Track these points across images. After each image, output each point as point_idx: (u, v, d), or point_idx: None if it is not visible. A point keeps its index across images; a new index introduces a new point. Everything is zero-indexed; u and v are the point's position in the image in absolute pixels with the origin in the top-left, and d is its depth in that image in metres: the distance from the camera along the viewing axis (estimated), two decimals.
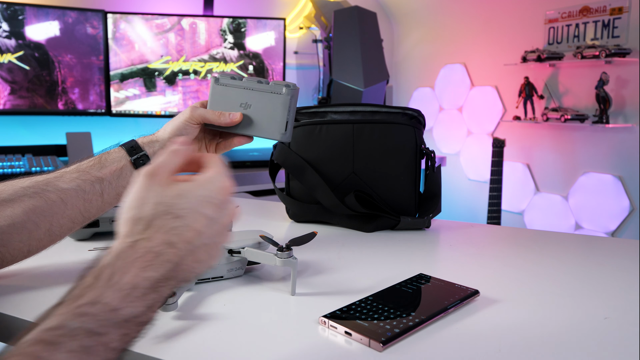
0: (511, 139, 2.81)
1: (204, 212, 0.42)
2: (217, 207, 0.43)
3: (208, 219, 0.42)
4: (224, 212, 0.44)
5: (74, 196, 0.62)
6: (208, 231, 0.42)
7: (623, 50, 2.27)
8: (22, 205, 0.59)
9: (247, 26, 2.69)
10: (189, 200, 0.42)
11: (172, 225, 0.40)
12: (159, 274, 0.38)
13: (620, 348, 0.50)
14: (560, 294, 0.64)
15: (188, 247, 0.41)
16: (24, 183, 0.61)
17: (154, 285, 0.38)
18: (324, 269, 0.72)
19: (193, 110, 0.71)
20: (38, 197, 0.60)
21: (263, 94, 0.72)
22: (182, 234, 0.40)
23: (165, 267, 0.39)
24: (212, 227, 0.42)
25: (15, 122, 2.38)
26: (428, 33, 3.37)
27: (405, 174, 0.94)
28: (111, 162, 0.67)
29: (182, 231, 0.40)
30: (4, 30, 2.20)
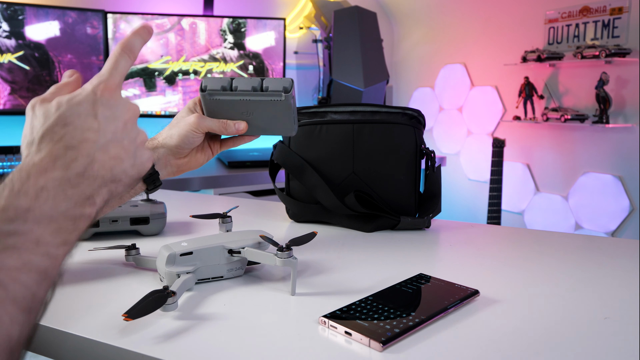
0: (511, 139, 2.81)
1: (89, 111, 0.43)
2: (104, 105, 0.44)
3: (102, 117, 0.43)
4: (117, 109, 0.45)
5: None
6: (108, 127, 0.43)
7: (623, 50, 2.28)
8: None
9: (247, 26, 2.69)
10: (71, 107, 0.42)
11: (62, 132, 0.41)
12: (68, 173, 0.39)
13: (620, 348, 0.50)
14: (561, 294, 0.64)
15: (92, 146, 0.41)
16: None
17: (68, 183, 0.39)
18: (324, 269, 0.72)
19: (200, 121, 0.70)
20: None
21: (262, 102, 0.70)
22: (77, 135, 0.41)
23: (73, 167, 0.40)
24: (111, 124, 0.43)
25: (15, 122, 2.39)
26: (428, 33, 3.37)
27: (405, 174, 0.94)
28: None
29: (75, 133, 0.41)
30: (4, 30, 2.20)
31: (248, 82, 0.70)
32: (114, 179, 0.43)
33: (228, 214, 0.82)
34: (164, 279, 0.63)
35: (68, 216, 0.38)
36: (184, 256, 0.63)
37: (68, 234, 0.38)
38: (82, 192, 0.40)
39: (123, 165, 0.44)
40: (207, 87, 0.70)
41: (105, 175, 0.42)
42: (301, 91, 3.20)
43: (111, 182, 0.43)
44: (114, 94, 0.45)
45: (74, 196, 0.39)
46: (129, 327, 0.53)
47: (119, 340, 0.50)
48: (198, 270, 0.64)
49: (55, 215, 0.37)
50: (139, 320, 0.53)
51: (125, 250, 0.72)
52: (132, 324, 0.53)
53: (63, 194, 0.38)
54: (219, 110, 0.72)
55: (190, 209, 1.10)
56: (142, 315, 0.51)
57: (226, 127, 0.71)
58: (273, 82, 0.69)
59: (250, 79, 0.70)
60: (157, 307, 0.53)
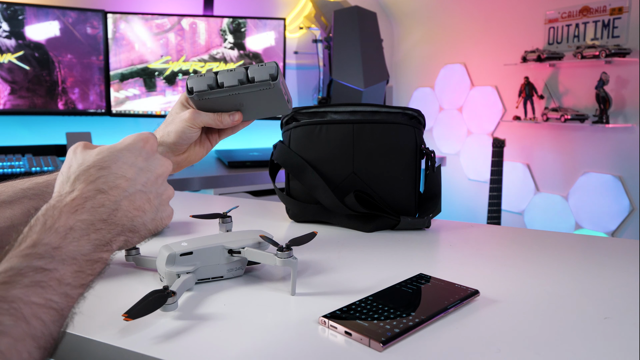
0: (511, 139, 2.81)
1: (128, 160, 0.45)
2: (142, 157, 0.47)
3: (137, 168, 0.46)
4: (153, 162, 0.47)
5: None
6: (140, 178, 0.45)
7: (623, 50, 2.27)
8: (22, 206, 0.59)
9: (247, 26, 2.69)
10: (111, 154, 0.45)
11: (98, 174, 0.43)
12: (94, 217, 0.41)
13: (620, 348, 0.50)
14: (560, 294, 0.64)
15: (120, 194, 0.43)
16: (24, 184, 0.61)
17: (92, 227, 0.41)
18: (324, 269, 0.72)
19: (195, 116, 0.70)
20: (38, 198, 0.60)
21: (252, 93, 0.70)
22: (110, 181, 0.43)
23: (99, 212, 0.42)
24: (144, 175, 0.46)
25: (15, 122, 2.38)
26: (428, 33, 3.37)
27: (405, 174, 0.94)
28: None
29: (109, 179, 0.44)
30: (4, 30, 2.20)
31: (233, 75, 0.69)
32: (132, 229, 0.44)
33: (228, 214, 0.82)
34: (164, 279, 0.63)
35: (88, 259, 0.40)
36: (184, 256, 0.63)
37: (85, 276, 0.40)
38: (103, 237, 0.41)
39: (144, 218, 0.45)
40: (194, 89, 0.69)
41: (125, 224, 0.44)
42: (301, 91, 3.20)
43: (129, 232, 0.44)
44: (154, 148, 0.48)
45: (95, 240, 0.41)
46: (129, 327, 0.53)
47: (119, 340, 0.50)
48: (198, 270, 0.64)
49: (78, 257, 0.39)
50: (139, 320, 0.53)
51: (125, 250, 0.72)
52: (132, 324, 0.53)
53: (87, 237, 0.40)
54: (210, 107, 0.72)
55: (190, 209, 1.10)
56: (142, 315, 0.51)
57: (222, 120, 0.72)
58: (258, 71, 0.68)
59: (234, 71, 0.69)
60: (157, 307, 0.53)
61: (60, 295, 0.36)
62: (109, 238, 0.42)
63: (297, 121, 0.96)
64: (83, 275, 0.39)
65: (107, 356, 0.50)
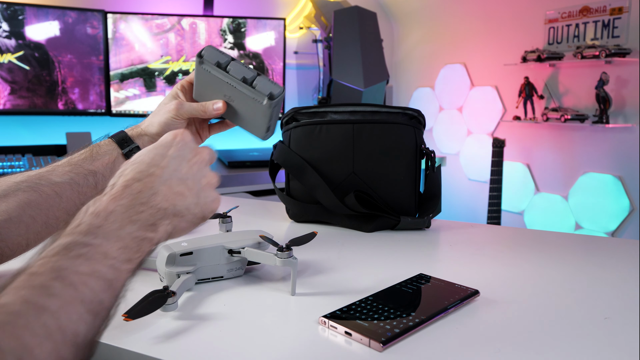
0: (511, 139, 2.81)
1: (161, 152, 0.49)
2: (174, 148, 0.50)
3: (169, 157, 0.49)
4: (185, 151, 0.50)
5: (68, 189, 0.62)
6: (173, 165, 0.48)
7: (623, 50, 2.27)
8: (17, 199, 0.59)
9: (247, 26, 2.69)
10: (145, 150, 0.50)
11: (132, 168, 0.47)
12: (134, 201, 0.44)
13: (620, 348, 0.50)
14: (560, 294, 0.64)
15: (156, 180, 0.47)
16: (17, 178, 0.61)
17: (132, 209, 0.44)
18: (324, 269, 0.72)
19: (179, 107, 0.71)
20: (32, 191, 0.60)
21: (245, 95, 0.69)
22: (144, 170, 0.47)
23: (138, 197, 0.45)
24: (177, 163, 0.49)
25: (15, 122, 2.38)
26: (428, 33, 3.37)
27: (405, 174, 0.94)
28: (103, 155, 0.67)
29: (142, 169, 0.47)
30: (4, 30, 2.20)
31: (242, 71, 0.69)
32: (176, 214, 0.47)
33: (228, 214, 0.82)
34: (164, 279, 0.63)
35: (133, 237, 0.43)
36: (184, 256, 0.63)
37: (132, 253, 0.42)
38: (146, 219, 0.44)
39: (186, 202, 0.48)
40: (204, 56, 0.69)
41: (168, 208, 0.46)
42: (301, 91, 3.20)
43: (173, 216, 0.47)
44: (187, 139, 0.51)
45: (138, 221, 0.44)
46: (129, 327, 0.53)
47: (119, 340, 0.50)
48: (198, 270, 0.64)
49: (123, 234, 0.42)
50: (139, 320, 0.53)
51: None
52: (132, 324, 0.53)
53: (129, 218, 0.43)
54: (206, 84, 0.71)
55: None
56: (142, 315, 0.51)
57: (205, 110, 0.72)
58: (264, 83, 0.68)
59: (247, 69, 0.69)
60: (157, 307, 0.53)
61: (107, 267, 0.39)
62: (152, 220, 0.45)
63: (297, 121, 0.96)
64: (129, 251, 0.42)
65: (107, 356, 0.50)
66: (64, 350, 0.32)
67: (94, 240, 0.40)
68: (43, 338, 0.31)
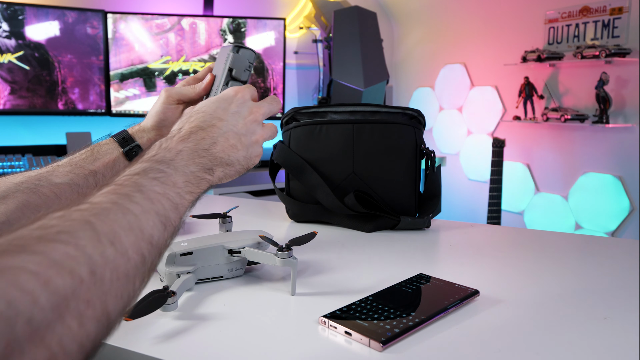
0: (511, 139, 2.81)
1: (223, 106, 0.55)
2: (235, 104, 0.56)
3: (229, 112, 0.55)
4: (244, 108, 0.56)
5: (67, 190, 0.62)
6: (232, 120, 0.55)
7: (623, 50, 2.27)
8: (16, 201, 0.59)
9: (247, 26, 2.69)
10: (209, 102, 0.56)
11: (198, 117, 0.54)
12: (197, 146, 0.51)
13: (620, 348, 0.50)
14: (560, 294, 0.64)
15: (216, 131, 0.53)
16: (17, 179, 0.61)
17: (196, 153, 0.50)
18: (324, 269, 0.72)
19: (168, 93, 0.71)
20: (31, 192, 0.60)
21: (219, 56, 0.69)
22: (207, 121, 0.54)
23: (201, 143, 0.52)
24: (235, 119, 0.55)
25: (15, 122, 2.38)
26: (428, 33, 3.37)
27: (405, 174, 0.94)
28: (103, 155, 0.66)
29: (206, 118, 0.54)
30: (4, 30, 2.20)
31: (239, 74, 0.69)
32: (229, 163, 0.53)
33: (228, 214, 0.82)
34: (164, 279, 0.63)
35: (195, 176, 0.49)
36: (184, 256, 0.63)
37: (193, 187, 0.48)
38: (205, 163, 0.51)
39: (237, 154, 0.54)
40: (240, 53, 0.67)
41: (223, 158, 0.53)
42: (301, 91, 3.20)
43: (226, 165, 0.53)
44: (247, 97, 0.57)
45: (199, 164, 0.50)
46: (129, 327, 0.53)
47: (119, 340, 0.50)
48: (198, 270, 0.64)
49: (187, 171, 0.48)
50: (139, 320, 0.53)
51: None
52: (132, 324, 0.53)
53: (192, 160, 0.50)
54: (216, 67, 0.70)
55: None
56: (142, 315, 0.51)
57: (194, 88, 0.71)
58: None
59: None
60: (157, 307, 0.53)
61: (174, 193, 0.45)
62: (210, 165, 0.51)
63: (297, 121, 0.96)
64: (191, 186, 0.48)
65: (108, 356, 0.50)
66: (143, 245, 0.38)
67: (167, 169, 0.46)
68: (128, 230, 0.37)
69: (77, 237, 0.32)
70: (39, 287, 0.27)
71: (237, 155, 0.54)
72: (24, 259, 0.28)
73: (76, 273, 0.30)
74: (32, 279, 0.27)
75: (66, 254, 0.30)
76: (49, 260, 0.29)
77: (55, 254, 0.29)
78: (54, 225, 0.32)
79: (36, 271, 0.28)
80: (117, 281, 0.34)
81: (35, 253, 0.29)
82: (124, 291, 0.35)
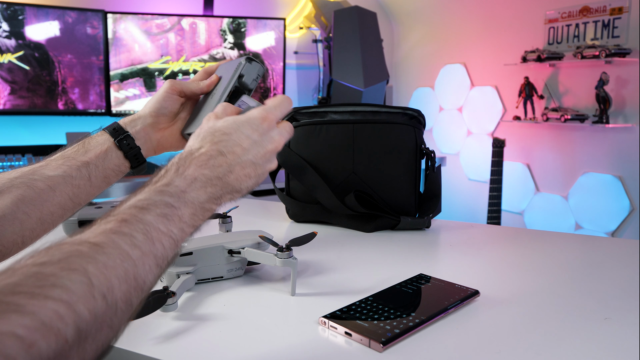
0: (511, 139, 2.81)
1: (247, 133, 0.53)
2: (259, 133, 0.54)
3: (252, 141, 0.53)
4: (267, 138, 0.55)
5: (61, 182, 0.62)
6: (253, 150, 0.53)
7: (623, 50, 2.27)
8: (11, 196, 0.59)
9: (247, 26, 2.69)
10: (235, 123, 0.54)
11: (221, 138, 0.52)
12: (213, 174, 0.50)
13: (620, 348, 0.50)
14: (561, 294, 0.64)
15: (235, 159, 0.52)
16: (11, 175, 0.61)
17: (210, 182, 0.49)
18: (324, 269, 0.72)
19: (171, 81, 0.71)
20: (25, 186, 0.60)
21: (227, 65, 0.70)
22: (229, 146, 0.52)
23: (217, 170, 0.50)
24: (257, 149, 0.54)
25: (15, 122, 2.38)
26: (428, 33, 3.37)
27: (405, 174, 0.94)
28: (95, 146, 0.66)
29: (228, 144, 0.52)
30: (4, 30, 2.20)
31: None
32: (238, 190, 0.52)
33: (228, 214, 0.82)
34: (163, 279, 0.63)
35: (202, 207, 0.48)
36: (184, 256, 0.63)
37: (197, 219, 0.48)
38: (215, 192, 0.50)
39: (248, 182, 0.53)
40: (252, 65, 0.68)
41: (234, 186, 0.52)
42: (301, 91, 3.20)
43: (235, 192, 0.52)
44: (271, 125, 0.56)
45: (210, 193, 0.49)
46: (129, 327, 0.53)
47: (119, 340, 0.50)
48: (198, 270, 0.64)
49: (196, 202, 0.48)
50: (139, 320, 0.53)
51: None
52: (132, 324, 0.53)
53: (204, 189, 0.49)
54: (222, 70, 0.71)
55: None
56: (142, 316, 0.51)
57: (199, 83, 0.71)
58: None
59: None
60: (157, 307, 0.53)
61: (178, 229, 0.45)
62: (220, 194, 0.50)
63: (297, 121, 0.96)
64: (196, 218, 0.47)
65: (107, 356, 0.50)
66: (134, 293, 0.38)
67: (176, 203, 0.46)
68: (123, 280, 0.37)
69: (71, 293, 0.32)
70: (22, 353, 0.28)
71: (247, 183, 0.53)
72: (14, 321, 0.29)
73: (62, 334, 0.31)
74: (17, 344, 0.28)
75: (56, 314, 0.31)
76: (38, 322, 0.30)
77: (45, 315, 0.30)
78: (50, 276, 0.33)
79: (23, 335, 0.29)
80: (100, 332, 0.35)
81: (25, 314, 0.30)
82: (105, 339, 0.36)
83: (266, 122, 0.55)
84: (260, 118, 0.55)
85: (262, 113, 0.55)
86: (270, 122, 0.56)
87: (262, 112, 0.56)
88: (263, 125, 0.55)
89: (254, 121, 0.55)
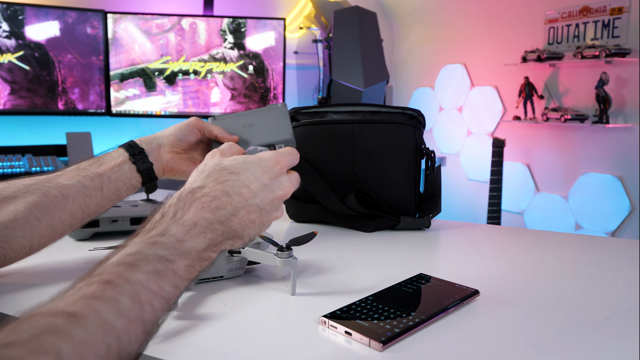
0: (511, 139, 2.81)
1: (257, 175, 0.49)
2: (270, 176, 0.50)
3: (261, 184, 0.49)
4: (277, 183, 0.51)
5: (74, 191, 0.64)
6: (261, 194, 0.49)
7: (623, 50, 2.28)
8: (25, 200, 0.60)
9: (247, 26, 2.69)
10: (245, 163, 0.50)
11: (227, 177, 0.48)
12: (214, 218, 0.45)
13: (620, 348, 0.50)
14: (561, 293, 0.64)
15: (241, 202, 0.47)
16: (26, 181, 0.63)
17: (211, 226, 0.44)
18: (324, 269, 0.72)
19: (197, 119, 0.75)
20: (40, 192, 0.61)
21: (263, 112, 0.77)
22: (236, 187, 0.47)
23: (219, 213, 0.45)
24: (265, 193, 0.49)
25: (15, 122, 2.39)
26: (428, 33, 3.37)
27: (405, 174, 0.94)
28: (110, 159, 0.68)
29: (235, 184, 0.48)
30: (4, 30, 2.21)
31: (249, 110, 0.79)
32: (240, 236, 0.48)
33: None
34: None
35: (200, 256, 0.43)
36: None
37: (194, 271, 0.43)
38: (216, 238, 0.45)
39: (252, 230, 0.49)
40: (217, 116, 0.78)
41: (237, 231, 0.47)
42: (301, 91, 3.20)
43: (237, 238, 0.47)
44: (282, 170, 0.52)
45: (210, 239, 0.44)
46: None
47: None
48: None
49: (193, 252, 0.43)
50: None
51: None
52: None
53: (203, 235, 0.44)
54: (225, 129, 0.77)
55: None
56: None
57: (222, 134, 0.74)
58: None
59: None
60: None
61: (172, 285, 0.40)
62: (220, 240, 0.45)
63: (297, 121, 0.96)
64: (192, 270, 0.43)
65: None
66: None
67: (171, 256, 0.40)
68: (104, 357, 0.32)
69: None
70: None
71: (250, 230, 0.49)
72: None
73: None
74: None
75: None
76: None
77: None
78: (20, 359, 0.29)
79: None
80: None
81: None
82: None
83: (278, 165, 0.52)
84: (273, 161, 0.51)
85: (274, 156, 0.52)
86: (282, 166, 0.52)
87: (275, 155, 0.52)
88: (275, 169, 0.51)
89: (266, 163, 0.51)
